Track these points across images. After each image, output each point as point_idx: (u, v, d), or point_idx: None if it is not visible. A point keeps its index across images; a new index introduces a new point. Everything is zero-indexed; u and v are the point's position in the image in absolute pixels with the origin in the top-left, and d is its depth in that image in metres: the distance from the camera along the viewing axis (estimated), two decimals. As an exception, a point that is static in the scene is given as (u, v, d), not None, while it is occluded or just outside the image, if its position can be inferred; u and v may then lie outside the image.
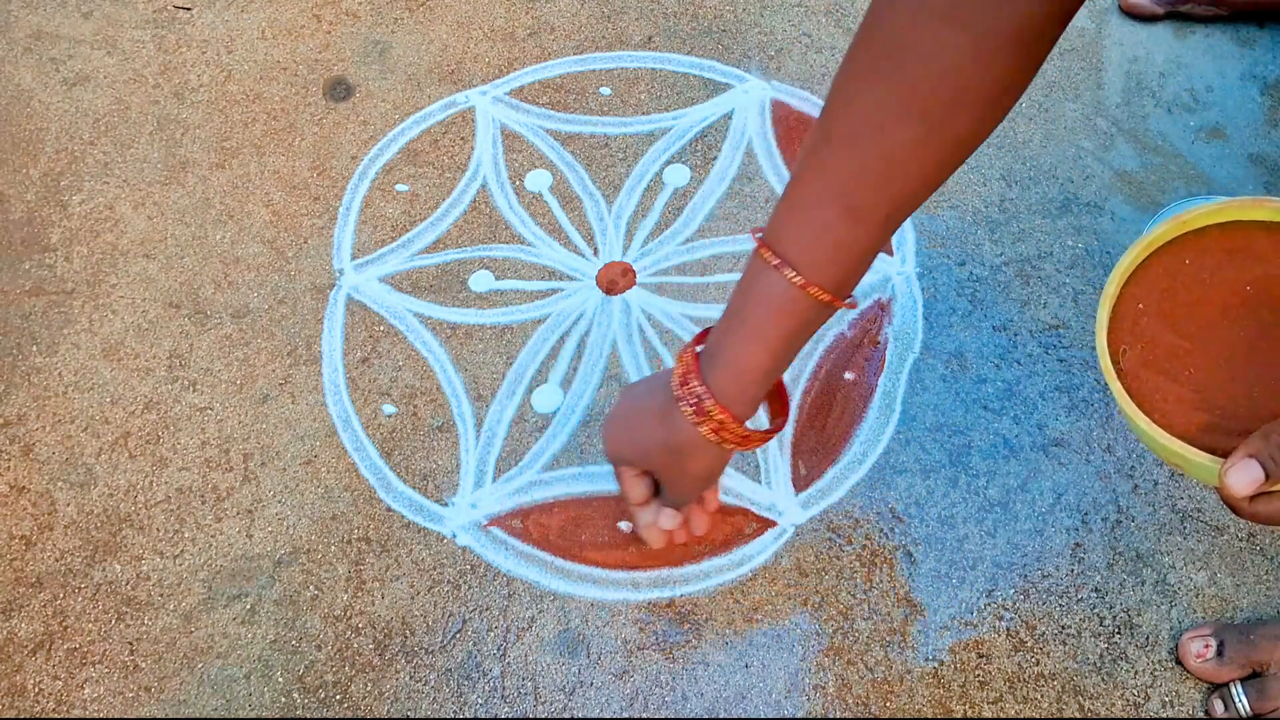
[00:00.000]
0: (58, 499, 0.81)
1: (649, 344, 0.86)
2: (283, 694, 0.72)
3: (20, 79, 1.05)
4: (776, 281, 0.54)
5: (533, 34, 1.05)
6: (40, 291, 0.91)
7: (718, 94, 1.00)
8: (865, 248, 0.53)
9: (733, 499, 0.78)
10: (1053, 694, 0.70)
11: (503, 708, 0.71)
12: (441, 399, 0.84)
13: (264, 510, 0.79)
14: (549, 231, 0.92)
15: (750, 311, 0.55)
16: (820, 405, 0.82)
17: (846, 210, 0.51)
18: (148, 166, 0.98)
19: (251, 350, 0.87)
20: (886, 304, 0.87)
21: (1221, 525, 0.76)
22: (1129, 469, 0.78)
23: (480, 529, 0.78)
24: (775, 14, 1.05)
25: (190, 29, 1.08)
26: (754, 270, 0.55)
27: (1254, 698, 0.68)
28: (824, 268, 0.53)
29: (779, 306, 0.54)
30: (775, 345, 0.56)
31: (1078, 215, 0.91)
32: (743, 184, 0.94)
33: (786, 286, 0.53)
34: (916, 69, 0.47)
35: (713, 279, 0.89)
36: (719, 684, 0.72)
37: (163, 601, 0.76)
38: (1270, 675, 0.68)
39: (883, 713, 0.70)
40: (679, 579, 0.75)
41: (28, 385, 0.86)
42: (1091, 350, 0.84)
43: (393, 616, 0.75)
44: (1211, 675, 0.70)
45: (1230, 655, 0.69)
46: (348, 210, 0.94)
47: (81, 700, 0.73)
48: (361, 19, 1.07)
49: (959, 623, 0.73)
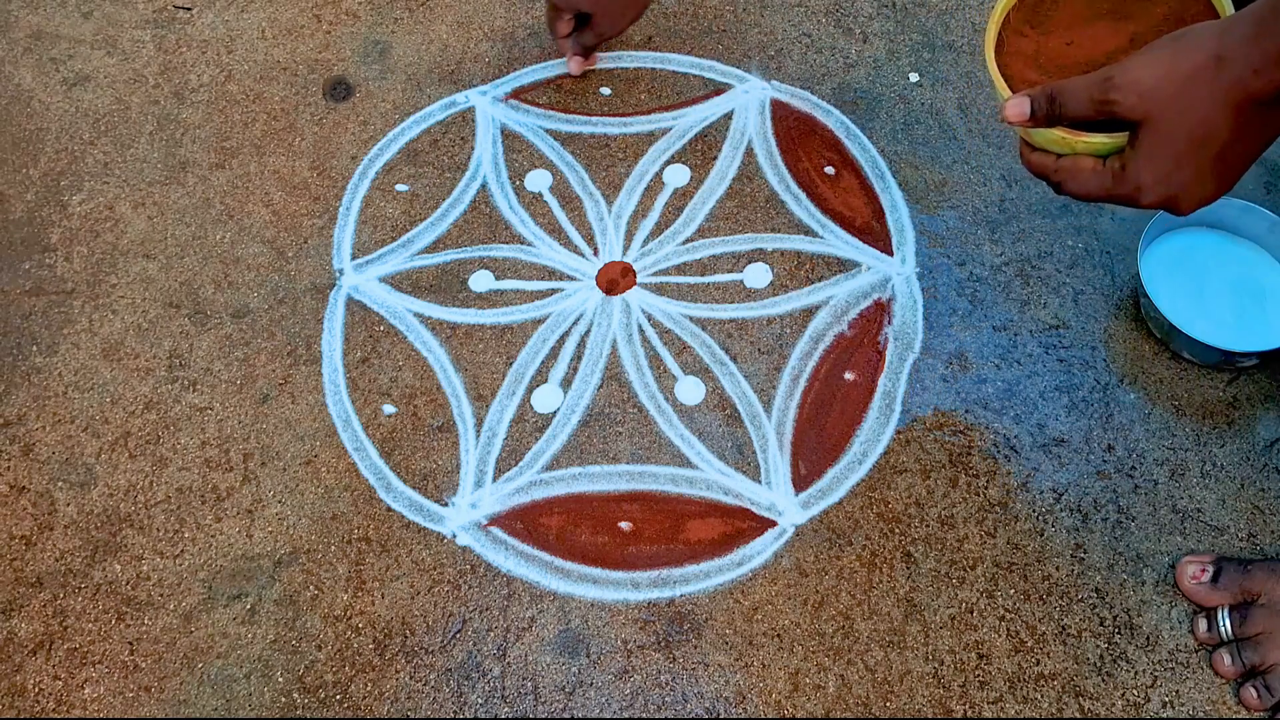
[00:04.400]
0: (58, 499, 0.81)
1: (649, 344, 0.86)
2: (283, 694, 0.72)
3: (20, 79, 1.05)
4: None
5: (533, 34, 1.05)
6: (40, 291, 0.91)
7: (718, 94, 1.00)
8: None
9: (732, 499, 0.79)
10: (1053, 694, 0.70)
11: (503, 708, 0.71)
12: (441, 399, 0.84)
13: (264, 510, 0.79)
14: (549, 231, 0.92)
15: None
16: (820, 405, 0.82)
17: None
18: (148, 166, 0.98)
19: (251, 350, 0.87)
20: (886, 304, 0.87)
21: (1222, 525, 0.76)
22: (1129, 469, 0.78)
23: (480, 529, 0.78)
24: (775, 14, 1.05)
25: (190, 29, 1.08)
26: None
27: (1237, 622, 0.70)
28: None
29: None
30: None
31: (1078, 215, 0.91)
32: (743, 184, 0.94)
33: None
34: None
35: (713, 279, 0.89)
36: (719, 684, 0.72)
37: (163, 601, 0.76)
38: (1258, 604, 0.70)
39: (883, 713, 0.70)
40: (679, 579, 0.75)
41: (28, 385, 0.86)
42: (1092, 350, 0.84)
43: (393, 616, 0.75)
44: (1202, 598, 0.72)
45: (1224, 583, 0.71)
46: (348, 210, 0.94)
47: (81, 700, 0.73)
48: (361, 19, 1.07)
49: (959, 623, 0.73)
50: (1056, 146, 0.62)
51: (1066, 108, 0.59)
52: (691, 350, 0.85)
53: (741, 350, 0.85)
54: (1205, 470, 0.78)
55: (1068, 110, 0.59)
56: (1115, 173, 0.59)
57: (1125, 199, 0.60)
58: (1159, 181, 0.58)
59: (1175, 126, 0.56)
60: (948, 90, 0.98)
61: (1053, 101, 0.60)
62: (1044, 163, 0.63)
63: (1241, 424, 0.80)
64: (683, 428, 0.82)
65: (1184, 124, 0.56)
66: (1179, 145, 0.56)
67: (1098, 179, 0.60)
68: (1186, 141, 0.56)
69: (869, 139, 0.96)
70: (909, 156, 0.95)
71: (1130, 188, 0.59)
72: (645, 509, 0.78)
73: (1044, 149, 0.63)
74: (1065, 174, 0.62)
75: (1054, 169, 0.63)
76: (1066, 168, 0.62)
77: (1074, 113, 0.59)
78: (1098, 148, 0.60)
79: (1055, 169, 0.63)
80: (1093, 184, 0.61)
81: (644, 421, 0.82)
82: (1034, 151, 0.64)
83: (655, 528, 0.77)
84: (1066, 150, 0.62)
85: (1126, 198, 0.60)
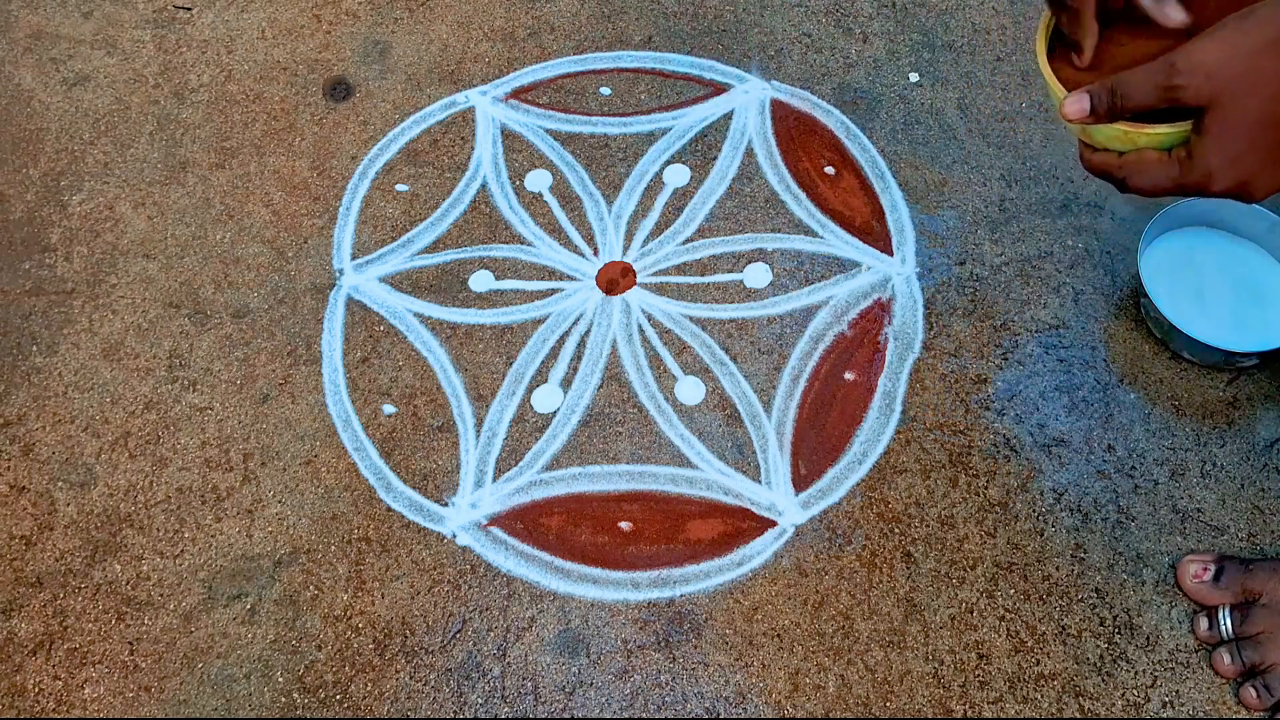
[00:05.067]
0: (58, 499, 0.81)
1: (649, 344, 0.86)
2: (283, 694, 0.72)
3: (20, 79, 1.05)
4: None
5: (533, 34, 1.05)
6: (40, 291, 0.91)
7: (718, 94, 1.00)
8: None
9: (732, 499, 0.79)
10: (1053, 694, 0.70)
11: (503, 708, 0.71)
12: (441, 399, 0.84)
13: (264, 510, 0.79)
14: (549, 231, 0.92)
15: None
16: (820, 405, 0.82)
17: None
18: (148, 166, 0.98)
19: (251, 350, 0.87)
20: (886, 304, 0.87)
21: (1222, 525, 0.76)
22: (1129, 469, 0.78)
23: (480, 529, 0.78)
24: (775, 14, 1.05)
25: (190, 29, 1.08)
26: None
27: (1238, 621, 0.70)
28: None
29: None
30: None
31: (1078, 215, 0.91)
32: (743, 184, 0.94)
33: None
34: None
35: (713, 279, 0.89)
36: (719, 684, 0.72)
37: (163, 601, 0.76)
38: (1259, 604, 0.70)
39: (883, 713, 0.70)
40: (679, 579, 0.75)
41: (28, 385, 0.86)
42: (1092, 350, 0.84)
43: (393, 616, 0.75)
44: (1204, 597, 0.72)
45: (1226, 582, 0.71)
46: (348, 210, 0.94)
47: (81, 700, 0.73)
48: (361, 19, 1.07)
49: (959, 623, 0.73)
50: (1118, 144, 0.60)
51: (1129, 99, 0.57)
52: (691, 350, 0.85)
53: (741, 350, 0.85)
54: (1205, 470, 0.78)
55: (1130, 101, 0.57)
56: (1183, 161, 0.57)
57: (1195, 188, 0.57)
58: (1230, 165, 0.55)
59: (1245, 107, 0.53)
60: (948, 90, 0.98)
61: (1114, 94, 0.57)
62: (1107, 161, 0.61)
63: (1241, 424, 0.80)
64: (683, 428, 0.82)
65: (1254, 103, 0.53)
66: (1250, 126, 0.54)
67: (1165, 170, 0.58)
68: (1258, 122, 0.53)
69: (869, 139, 0.96)
70: (909, 156, 0.95)
71: (1200, 175, 0.56)
72: (645, 509, 0.78)
73: (1105, 148, 0.61)
74: (1130, 169, 0.59)
75: (1118, 166, 0.60)
76: (1131, 163, 0.59)
77: (1137, 103, 0.57)
78: (1162, 139, 0.58)
79: (1120, 166, 0.60)
80: (1160, 176, 0.58)
81: (644, 421, 0.82)
82: (1095, 152, 0.61)
83: (655, 528, 0.77)
84: (1129, 146, 0.59)
85: (1196, 186, 0.57)
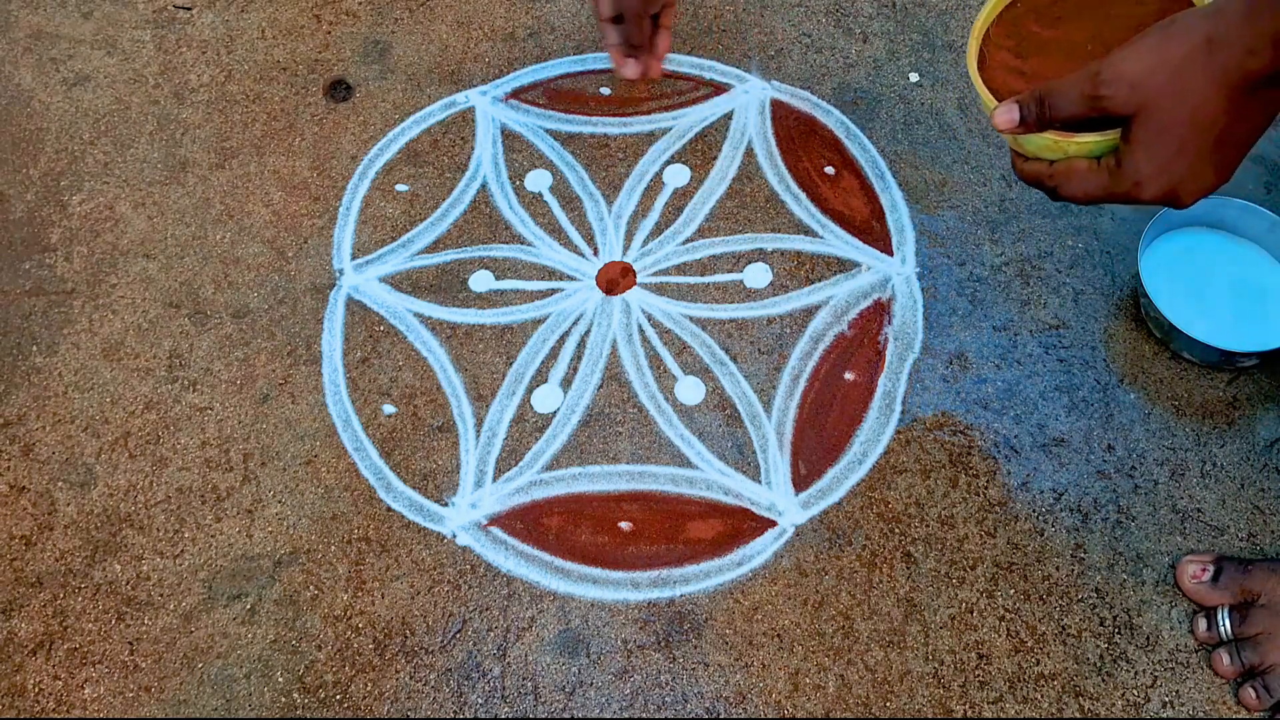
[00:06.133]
0: (58, 499, 0.81)
1: (649, 344, 0.86)
2: (283, 694, 0.72)
3: (20, 79, 1.05)
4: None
5: (533, 34, 1.05)
6: (40, 291, 0.91)
7: (718, 94, 1.00)
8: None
9: (732, 499, 0.79)
10: (1053, 694, 0.70)
11: (503, 708, 0.71)
12: (441, 399, 0.84)
13: (264, 510, 0.79)
14: (549, 231, 0.92)
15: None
16: (820, 405, 0.82)
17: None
18: (148, 166, 0.98)
19: (251, 350, 0.87)
20: (886, 304, 0.87)
21: (1222, 525, 0.76)
22: (1129, 469, 0.78)
23: (480, 529, 0.78)
24: (775, 14, 1.05)
25: (190, 29, 1.08)
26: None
27: (1237, 622, 0.70)
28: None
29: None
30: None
31: (1078, 215, 0.91)
32: (743, 184, 0.94)
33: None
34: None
35: (713, 279, 0.89)
36: (719, 684, 0.72)
37: (163, 601, 0.76)
38: (1258, 604, 0.70)
39: (883, 713, 0.70)
40: (679, 579, 0.75)
41: (28, 385, 0.86)
42: (1092, 350, 0.84)
43: (393, 616, 0.75)
44: (1202, 597, 0.72)
45: (1224, 582, 0.71)
46: (348, 210, 0.94)
47: (81, 700, 0.73)
48: (361, 19, 1.07)
49: (959, 623, 0.73)
50: (1049, 152, 0.61)
51: (1056, 109, 0.58)
52: (691, 350, 0.85)
53: (741, 350, 0.85)
54: (1205, 470, 0.78)
55: (1058, 111, 0.58)
56: (1112, 170, 0.58)
57: (1125, 196, 0.59)
58: (1158, 173, 0.56)
59: (1170, 115, 0.54)
60: (948, 90, 0.98)
61: (1042, 104, 0.59)
62: (1039, 170, 0.62)
63: (1241, 424, 0.80)
64: (683, 428, 0.82)
65: (1179, 111, 0.54)
66: (1175, 133, 0.55)
67: (1095, 178, 0.59)
68: (1183, 129, 0.55)
69: (869, 139, 0.96)
70: (909, 156, 0.95)
71: (1129, 183, 0.58)
72: (645, 509, 0.78)
73: (1037, 156, 0.62)
74: (1060, 178, 0.61)
75: (1049, 175, 0.61)
76: (1061, 172, 0.61)
77: (1064, 113, 0.58)
78: (1091, 148, 0.59)
79: (1050, 174, 0.61)
80: (1090, 184, 0.60)
81: (644, 421, 0.82)
82: (1027, 161, 0.63)
83: (655, 528, 0.77)
84: (1059, 155, 0.60)
85: (1126, 195, 0.58)
